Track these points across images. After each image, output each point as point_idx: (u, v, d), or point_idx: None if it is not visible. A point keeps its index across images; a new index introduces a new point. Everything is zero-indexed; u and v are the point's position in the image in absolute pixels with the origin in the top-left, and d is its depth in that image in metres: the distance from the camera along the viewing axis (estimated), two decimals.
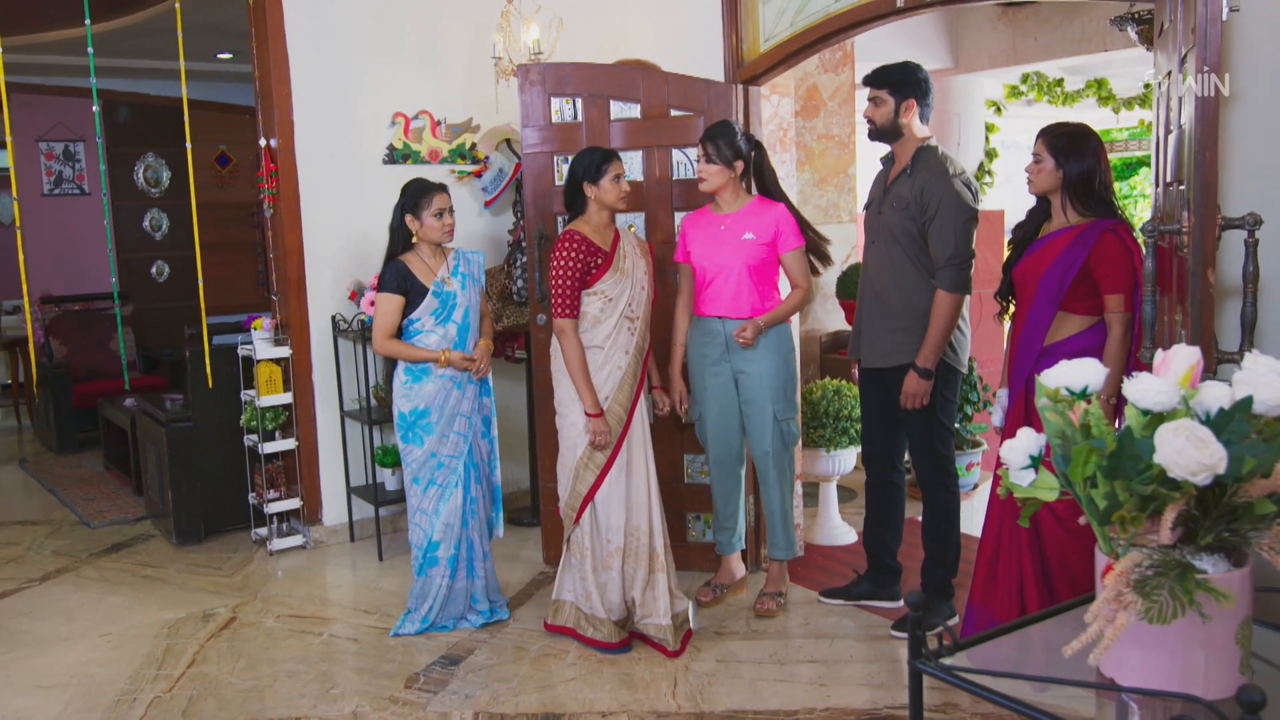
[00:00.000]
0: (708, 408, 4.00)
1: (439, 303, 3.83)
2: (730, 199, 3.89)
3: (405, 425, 3.86)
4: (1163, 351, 1.35)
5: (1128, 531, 1.25)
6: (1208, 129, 2.03)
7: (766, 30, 4.19)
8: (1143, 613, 1.19)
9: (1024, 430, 1.42)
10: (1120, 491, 1.22)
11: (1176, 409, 1.29)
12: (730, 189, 3.86)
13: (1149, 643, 1.23)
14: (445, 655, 3.74)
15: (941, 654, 1.35)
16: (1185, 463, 1.22)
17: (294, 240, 4.86)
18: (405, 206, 3.84)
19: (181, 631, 4.04)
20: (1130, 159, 10.97)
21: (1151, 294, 2.14)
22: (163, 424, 5.10)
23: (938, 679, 1.33)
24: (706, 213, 3.96)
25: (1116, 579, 1.21)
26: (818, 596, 4.10)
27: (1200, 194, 2.03)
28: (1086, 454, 1.26)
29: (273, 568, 4.76)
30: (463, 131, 5.20)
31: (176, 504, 5.08)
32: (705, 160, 3.81)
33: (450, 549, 3.91)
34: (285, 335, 4.92)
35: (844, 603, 4.02)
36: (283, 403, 4.94)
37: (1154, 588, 1.19)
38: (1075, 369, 1.39)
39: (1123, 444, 1.24)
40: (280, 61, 4.74)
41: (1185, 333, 2.13)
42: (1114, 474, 1.23)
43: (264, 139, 4.87)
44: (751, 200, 3.92)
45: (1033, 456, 1.39)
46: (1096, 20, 6.23)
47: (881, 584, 3.99)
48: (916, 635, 1.39)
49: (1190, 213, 2.06)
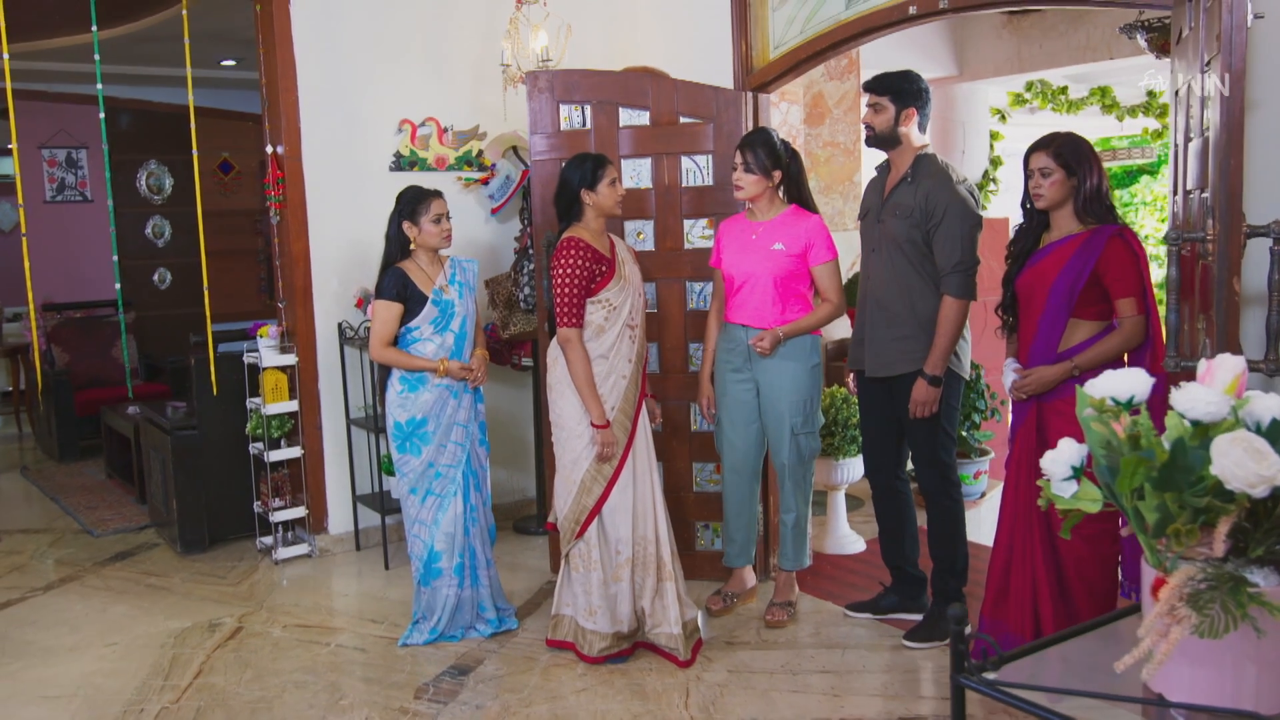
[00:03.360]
0: (727, 415, 3.97)
1: (438, 311, 3.80)
2: (765, 208, 3.85)
3: (402, 435, 3.83)
4: (1205, 361, 1.33)
5: (1182, 545, 1.23)
6: (1233, 136, 2.01)
7: (776, 37, 4.18)
8: (1196, 627, 1.17)
9: (1065, 441, 1.40)
10: (1171, 504, 1.20)
11: (1225, 419, 1.27)
12: (766, 198, 3.83)
13: (1199, 658, 1.21)
14: (454, 665, 3.71)
15: (986, 668, 1.32)
16: (1244, 475, 1.19)
17: (300, 248, 4.84)
18: (402, 213, 3.83)
19: (188, 641, 4.00)
20: (1131, 167, 10.96)
21: (1175, 302, 2.12)
22: (168, 431, 5.07)
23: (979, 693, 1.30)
24: (742, 219, 3.94)
25: (1170, 593, 1.19)
26: (843, 611, 4.07)
27: (1225, 202, 2.02)
28: (1135, 465, 1.23)
29: (278, 577, 4.73)
30: (469, 139, 5.18)
31: (181, 512, 5.05)
32: (744, 169, 3.77)
33: (454, 558, 3.87)
34: (291, 343, 4.90)
35: (871, 616, 3.99)
36: (288, 410, 4.91)
37: (1207, 601, 1.17)
38: (1121, 379, 1.37)
39: (1175, 455, 1.22)
40: (287, 68, 4.73)
41: (1209, 341, 2.12)
42: (1165, 486, 1.21)
43: (270, 146, 4.85)
44: (786, 210, 3.87)
45: (1075, 467, 1.37)
46: (1102, 28, 6.23)
47: (908, 595, 3.95)
48: (959, 649, 1.36)
49: (1215, 220, 2.04)
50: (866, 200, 3.87)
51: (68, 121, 8.39)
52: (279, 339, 4.90)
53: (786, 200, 3.89)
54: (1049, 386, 3.24)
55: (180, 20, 4.81)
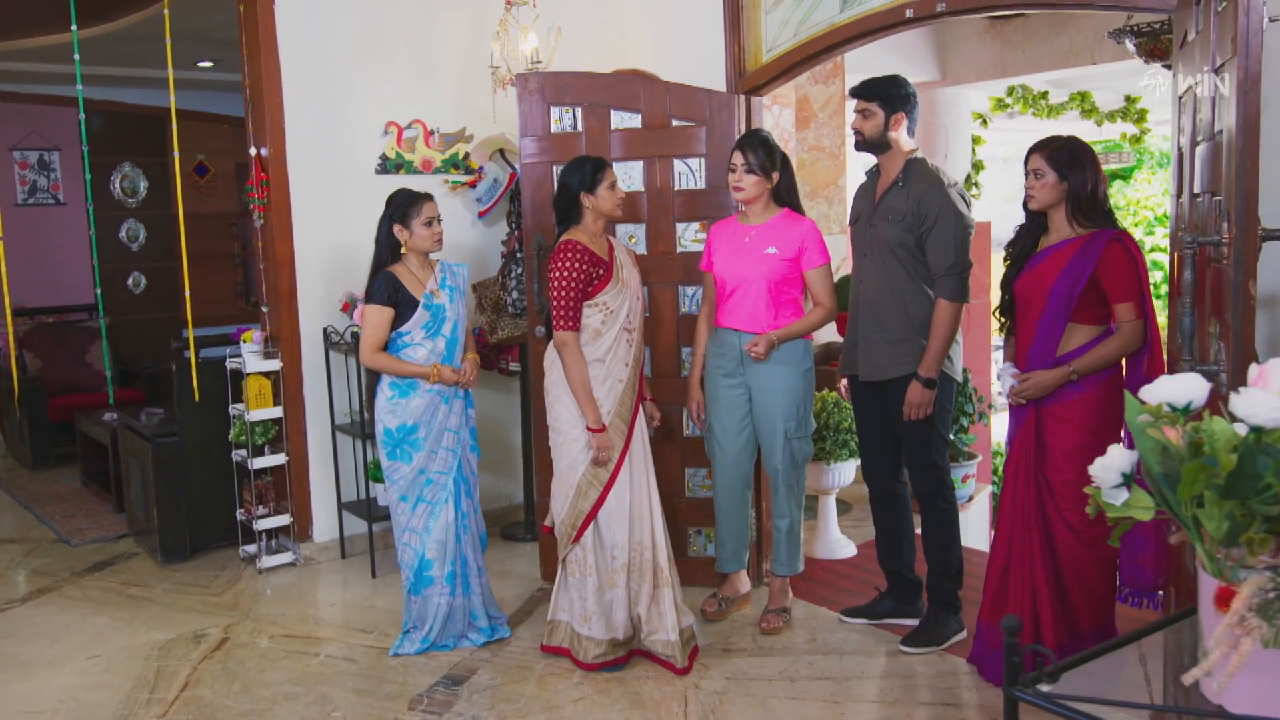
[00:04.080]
0: (719, 420, 3.94)
1: (430, 316, 3.75)
2: (759, 211, 3.83)
3: (392, 442, 3.77)
4: (1257, 366, 1.31)
5: (1255, 554, 1.21)
6: (1249, 139, 2.01)
7: (769, 40, 4.16)
8: (1268, 638, 1.14)
9: (1115, 448, 1.37)
10: (1238, 512, 1.17)
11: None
12: (762, 201, 3.81)
13: (1263, 669, 1.19)
14: (448, 675, 3.65)
15: (1040, 679, 1.30)
16: None
17: (285, 251, 4.76)
18: (393, 217, 3.78)
19: (173, 653, 3.92)
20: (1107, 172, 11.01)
21: (1190, 306, 2.11)
22: (148, 439, 4.97)
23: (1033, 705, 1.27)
24: (734, 223, 3.91)
25: (1241, 603, 1.17)
26: (838, 616, 4.04)
27: (1242, 205, 2.01)
28: (1197, 473, 1.21)
29: (262, 586, 4.65)
30: (456, 141, 5.13)
31: (162, 521, 4.95)
32: (745, 169, 3.75)
33: (446, 566, 3.82)
34: (275, 348, 4.82)
35: (867, 622, 3.97)
36: (273, 417, 4.83)
37: (1277, 611, 1.14)
38: (1177, 385, 1.34)
39: (1243, 463, 1.20)
40: (272, 69, 4.66)
41: (1224, 345, 2.11)
42: (1230, 494, 1.19)
43: (254, 148, 4.77)
44: (779, 214, 3.85)
45: (1125, 474, 1.34)
46: (1085, 33, 6.26)
47: (904, 600, 3.93)
48: (1013, 661, 1.33)
49: (1231, 224, 2.03)
50: (857, 205, 3.85)
51: (39, 123, 8.23)
52: (263, 344, 4.82)
53: (777, 204, 3.87)
54: (1048, 390, 3.23)
55: (158, 20, 4.73)
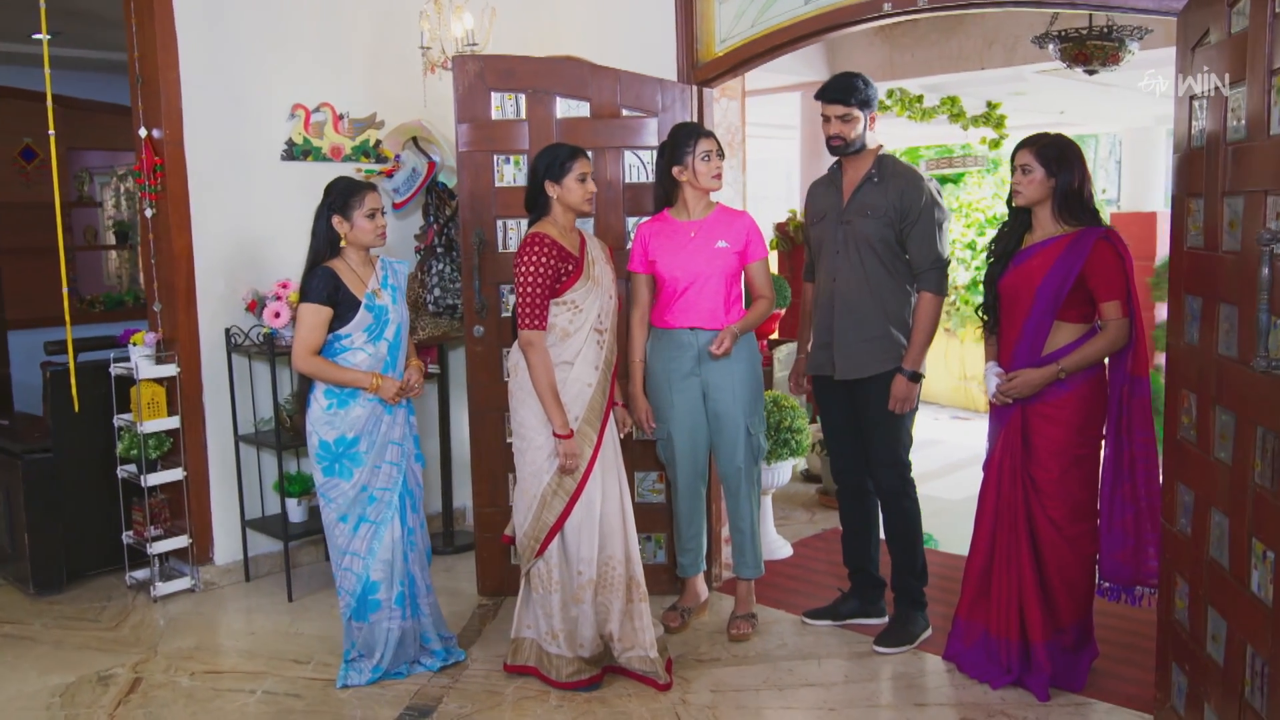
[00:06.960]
0: (675, 425, 3.80)
1: (372, 318, 3.43)
2: (701, 206, 3.72)
3: (330, 456, 3.43)
4: None
5: None
6: None
7: (723, 31, 4.04)
8: None
9: None
10: None
11: None
12: (707, 195, 3.71)
13: None
14: (411, 706, 3.35)
15: None
16: None
17: (182, 244, 4.30)
18: (333, 207, 3.43)
19: (78, 699, 3.45)
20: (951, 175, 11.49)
21: (1266, 304, 2.13)
22: (16, 455, 4.39)
23: None
24: (667, 219, 3.77)
25: None
26: (801, 618, 3.97)
27: None
28: None
29: (161, 616, 4.18)
30: (366, 127, 4.77)
31: (34, 548, 4.38)
32: (719, 156, 3.67)
33: (394, 588, 3.50)
34: (170, 351, 4.34)
35: (831, 623, 3.91)
36: (168, 428, 4.35)
37: None
38: None
39: None
40: (168, 42, 4.19)
41: None
42: None
43: (144, 129, 4.28)
44: (717, 208, 3.77)
45: None
46: (974, 39, 6.46)
47: (868, 599, 3.90)
48: None
49: None
50: (818, 204, 3.79)
51: None
52: (155, 347, 4.33)
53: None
54: (1035, 389, 3.26)
55: None
